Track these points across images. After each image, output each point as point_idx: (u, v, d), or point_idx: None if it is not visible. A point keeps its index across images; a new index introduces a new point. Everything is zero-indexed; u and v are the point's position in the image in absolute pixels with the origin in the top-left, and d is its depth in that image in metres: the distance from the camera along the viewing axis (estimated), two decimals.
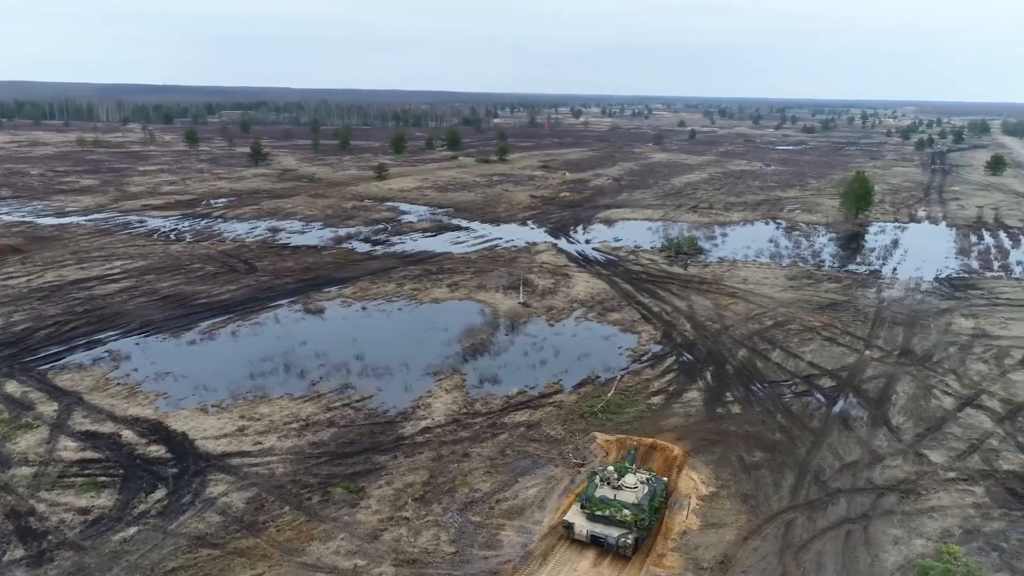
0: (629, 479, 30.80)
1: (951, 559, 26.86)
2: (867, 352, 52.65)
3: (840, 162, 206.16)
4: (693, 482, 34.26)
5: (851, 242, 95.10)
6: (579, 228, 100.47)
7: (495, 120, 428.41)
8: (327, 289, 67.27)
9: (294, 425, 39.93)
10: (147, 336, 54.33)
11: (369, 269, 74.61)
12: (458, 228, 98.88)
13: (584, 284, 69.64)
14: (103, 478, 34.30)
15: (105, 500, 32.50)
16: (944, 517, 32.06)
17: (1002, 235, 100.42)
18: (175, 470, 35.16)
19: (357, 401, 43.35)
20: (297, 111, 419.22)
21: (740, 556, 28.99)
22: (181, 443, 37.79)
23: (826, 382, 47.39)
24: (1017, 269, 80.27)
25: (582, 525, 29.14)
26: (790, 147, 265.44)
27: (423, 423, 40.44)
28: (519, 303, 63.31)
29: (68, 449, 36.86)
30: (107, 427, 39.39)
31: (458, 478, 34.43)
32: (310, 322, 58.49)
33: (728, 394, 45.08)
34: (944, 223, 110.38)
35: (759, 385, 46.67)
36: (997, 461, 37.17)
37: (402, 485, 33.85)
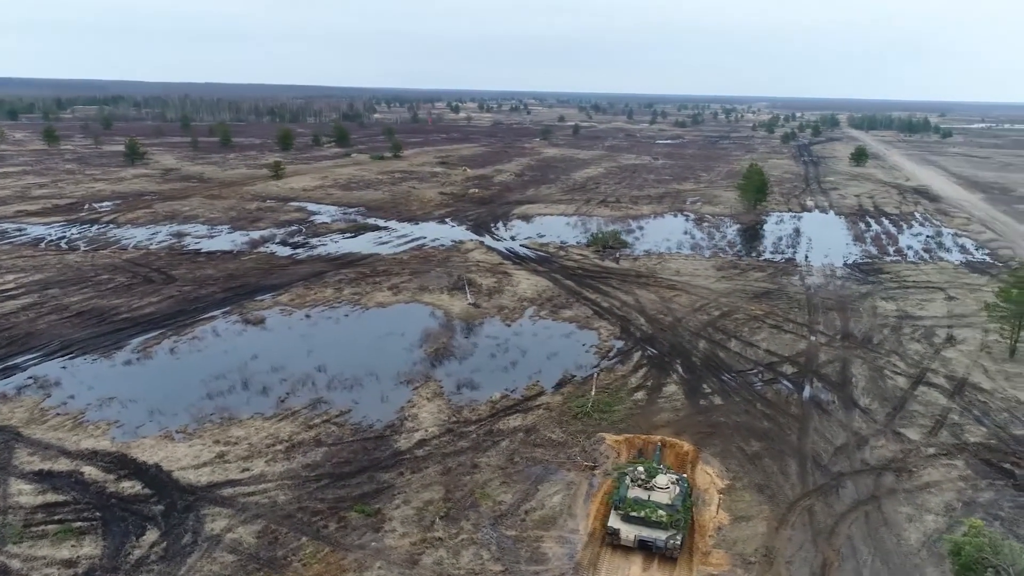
0: (661, 479, 30.71)
1: (976, 533, 28.50)
2: (813, 338, 55.33)
3: (720, 155, 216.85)
4: (709, 476, 34.64)
5: (757, 232, 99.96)
6: (499, 225, 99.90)
7: (375, 116, 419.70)
8: (260, 297, 63.21)
9: (278, 447, 37.08)
10: (72, 358, 48.92)
11: (299, 274, 70.80)
12: (377, 228, 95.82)
13: (527, 282, 69.20)
14: (79, 523, 30.43)
15: (90, 548, 28.83)
16: (941, 492, 34.08)
17: (885, 222, 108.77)
18: (160, 507, 31.73)
19: (337, 416, 40.89)
20: (162, 107, 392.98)
21: (778, 547, 29.53)
22: (157, 476, 34.18)
23: (787, 368, 49.38)
24: (910, 253, 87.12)
25: (628, 530, 28.71)
26: (669, 141, 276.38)
27: (416, 435, 38.66)
28: (469, 304, 62.03)
29: (24, 493, 32.46)
30: (62, 464, 35.03)
31: (476, 491, 33.11)
32: (254, 334, 54.69)
33: (704, 386, 46.03)
34: (832, 212, 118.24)
35: (729, 375, 47.94)
36: (964, 435, 39.96)
37: (420, 503, 32.14)
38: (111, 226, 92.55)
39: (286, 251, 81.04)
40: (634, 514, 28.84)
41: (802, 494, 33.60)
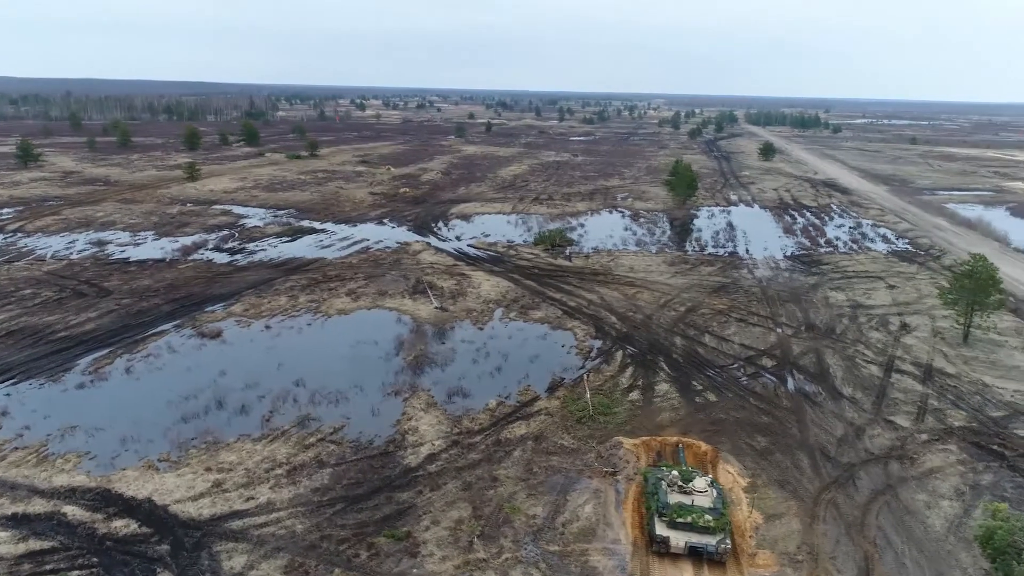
0: (699, 483, 30.45)
1: (1004, 517, 29.57)
2: (779, 330, 56.75)
3: (635, 151, 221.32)
4: (731, 475, 34.66)
5: (693, 226, 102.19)
6: (440, 225, 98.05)
7: (279, 113, 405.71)
8: (210, 308, 59.31)
9: (278, 471, 34.60)
10: (15, 383, 44.25)
11: (246, 282, 66.95)
12: (314, 231, 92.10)
13: (488, 283, 67.97)
14: (76, 572, 27.25)
15: None
16: (946, 477, 35.37)
17: (808, 214, 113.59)
18: (165, 546, 28.87)
19: (331, 434, 38.61)
20: (44, 105, 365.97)
21: (817, 543, 29.76)
22: (151, 512, 31.15)
23: (766, 361, 50.36)
24: (840, 244, 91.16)
25: (677, 537, 28.21)
26: (582, 138, 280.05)
27: (423, 450, 36.96)
28: (436, 308, 60.29)
29: (3, 542, 28.83)
30: (38, 505, 31.42)
31: (504, 505, 31.84)
32: (215, 349, 51.16)
33: (694, 383, 46.25)
34: (756, 205, 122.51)
35: (713, 371, 48.43)
36: (947, 420, 41.74)
37: (450, 523, 30.60)
38: (19, 235, 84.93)
39: (224, 258, 76.55)
40: (681, 520, 28.39)
41: (821, 487, 34.10)
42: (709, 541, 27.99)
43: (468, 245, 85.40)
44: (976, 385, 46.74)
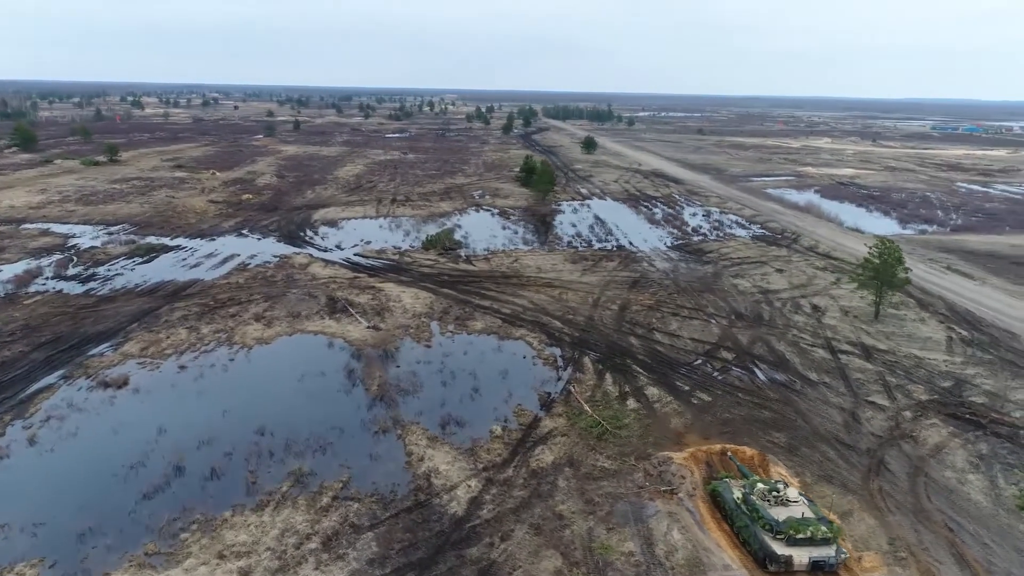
0: (791, 493, 29.73)
1: None
2: (714, 322, 58.25)
3: (459, 148, 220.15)
4: (784, 477, 34.38)
5: (564, 222, 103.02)
6: (308, 233, 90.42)
7: (42, 114, 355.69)
8: (94, 352, 49.54)
9: (311, 545, 29.08)
10: None
11: (123, 315, 56.83)
12: (167, 248, 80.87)
13: (407, 295, 63.28)
14: None
15: None
16: (953, 451, 37.77)
17: (660, 205, 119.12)
18: None
19: (341, 489, 33.33)
20: None
21: (899, 534, 30.22)
22: None
23: (725, 354, 51.33)
24: (705, 232, 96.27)
25: (799, 555, 27.20)
26: (398, 135, 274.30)
27: (459, 493, 32.98)
28: (367, 327, 54.94)
29: None
30: None
31: (593, 547, 29.03)
32: (130, 401, 42.57)
33: (678, 384, 45.89)
34: (608, 198, 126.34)
35: (685, 369, 48.44)
36: (913, 395, 44.84)
37: (547, 575, 27.29)
38: None
39: (76, 287, 64.57)
40: (800, 536, 27.39)
41: (863, 477, 34.91)
42: (829, 553, 27.30)
43: (356, 254, 79.34)
44: (912, 359, 50.85)
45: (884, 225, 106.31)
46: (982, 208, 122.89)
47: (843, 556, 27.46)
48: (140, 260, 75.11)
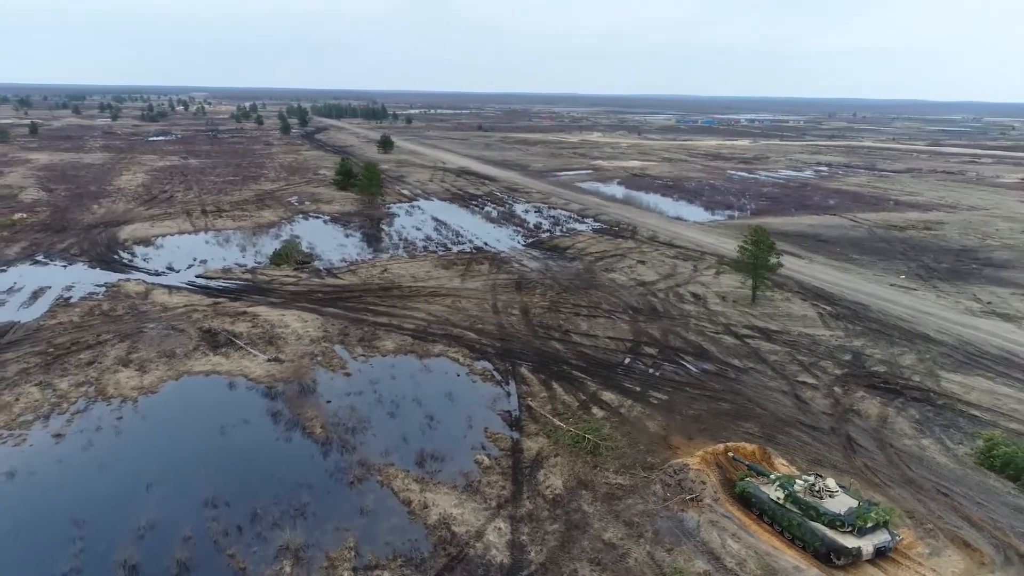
0: (831, 483, 30.55)
1: (1005, 441, 35.89)
2: (615, 318, 59.15)
3: (245, 151, 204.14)
4: (788, 468, 35.36)
5: (406, 224, 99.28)
6: (125, 255, 78.21)
7: None
8: None
9: None
10: None
11: None
12: None
13: (291, 319, 56.75)
14: None
15: None
16: (896, 421, 41.37)
17: (488, 203, 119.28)
18: None
19: (355, 558, 28.76)
20: None
21: (915, 510, 32.29)
22: None
23: (648, 350, 52.19)
24: (548, 228, 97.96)
25: (866, 544, 27.91)
26: (164, 137, 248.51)
27: (493, 538, 29.89)
28: (268, 360, 48.37)
29: None
30: None
31: (666, 572, 27.61)
32: (12, 488, 33.38)
33: (625, 384, 45.74)
34: (435, 198, 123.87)
35: (620, 370, 48.49)
36: (828, 370, 48.68)
37: None
38: None
39: None
40: (866, 526, 28.14)
41: (844, 457, 37.03)
42: (886, 538, 28.37)
43: (198, 276, 69.85)
44: (806, 336, 55.34)
45: (696, 213, 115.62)
46: (762, 193, 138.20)
47: (898, 538, 28.71)
48: None
